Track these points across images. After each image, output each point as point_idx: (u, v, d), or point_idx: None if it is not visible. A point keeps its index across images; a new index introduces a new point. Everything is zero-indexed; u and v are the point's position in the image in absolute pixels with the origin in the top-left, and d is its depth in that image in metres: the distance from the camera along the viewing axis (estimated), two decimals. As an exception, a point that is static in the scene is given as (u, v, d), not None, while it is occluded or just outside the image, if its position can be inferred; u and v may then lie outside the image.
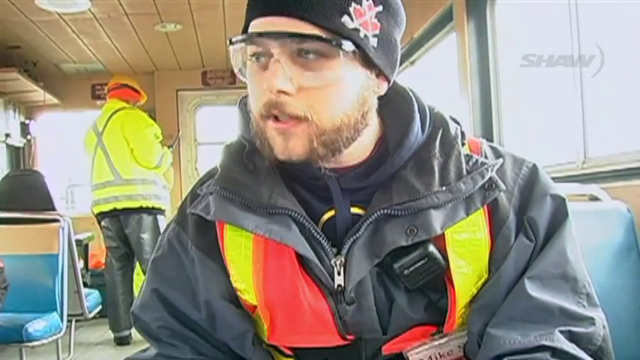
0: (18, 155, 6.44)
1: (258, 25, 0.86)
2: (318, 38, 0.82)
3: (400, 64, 0.93)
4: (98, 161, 4.67)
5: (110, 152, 4.63)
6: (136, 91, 4.93)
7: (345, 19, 0.83)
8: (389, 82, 0.93)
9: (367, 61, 0.88)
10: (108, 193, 4.61)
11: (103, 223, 4.76)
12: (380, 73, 0.91)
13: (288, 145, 0.87)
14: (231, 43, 0.89)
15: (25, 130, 6.32)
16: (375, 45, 0.87)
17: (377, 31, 0.87)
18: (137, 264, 4.80)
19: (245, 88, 0.93)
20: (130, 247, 4.70)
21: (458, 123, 1.00)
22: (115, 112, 4.72)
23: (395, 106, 0.98)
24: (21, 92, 5.89)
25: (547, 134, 2.91)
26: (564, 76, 2.49)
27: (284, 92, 0.84)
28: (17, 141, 6.25)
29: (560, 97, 2.63)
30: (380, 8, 0.87)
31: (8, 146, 6.22)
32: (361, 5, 0.85)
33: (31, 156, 6.47)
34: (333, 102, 0.86)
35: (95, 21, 4.80)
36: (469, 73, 3.11)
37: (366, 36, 0.85)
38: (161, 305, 1.01)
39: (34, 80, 5.71)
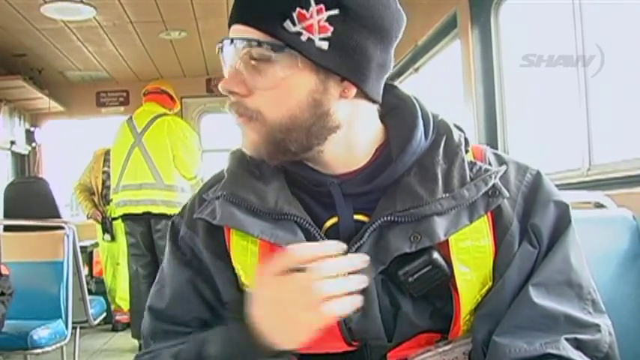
0: (23, 162, 6.46)
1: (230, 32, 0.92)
2: (258, 43, 0.87)
3: (404, 72, 0.94)
4: (134, 161, 4.53)
5: (152, 155, 4.51)
6: (173, 99, 4.88)
7: (287, 23, 0.86)
8: (358, 86, 0.91)
9: (315, 65, 0.88)
10: (144, 195, 4.49)
11: (125, 228, 4.67)
12: (344, 78, 0.90)
13: (244, 139, 0.94)
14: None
15: (30, 137, 6.34)
16: (325, 48, 0.87)
17: (327, 34, 0.86)
18: None
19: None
20: (154, 252, 4.59)
21: (461, 130, 1.00)
22: (159, 116, 4.63)
23: (398, 113, 0.98)
24: (26, 100, 5.91)
25: (552, 141, 2.91)
26: (568, 80, 2.49)
27: (236, 93, 0.91)
28: (22, 148, 6.27)
29: (565, 103, 2.63)
30: (335, 12, 0.86)
31: (13, 153, 6.24)
32: (307, 9, 0.86)
33: (36, 163, 6.49)
34: (278, 103, 0.89)
35: (100, 29, 4.82)
36: (473, 80, 3.11)
37: (310, 39, 0.86)
38: (196, 296, 1.00)
39: (39, 88, 5.73)
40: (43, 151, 6.56)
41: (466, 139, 0.98)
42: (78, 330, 3.59)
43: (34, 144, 6.40)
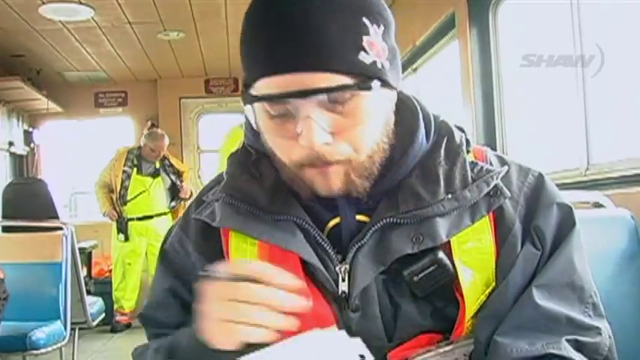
0: (21, 163, 6.46)
1: (275, 83, 0.82)
2: (347, 87, 0.82)
3: (402, 72, 0.95)
4: None
5: None
6: None
7: (362, 55, 0.82)
8: (397, 89, 0.93)
9: (386, 86, 0.87)
10: None
11: None
12: (392, 87, 0.91)
13: (329, 182, 0.87)
14: (249, 102, 0.87)
15: (28, 138, 6.35)
16: (389, 67, 0.87)
17: (387, 54, 0.86)
18: None
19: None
20: None
21: (463, 131, 1.00)
22: None
23: (400, 115, 0.98)
24: (24, 100, 5.91)
25: (551, 141, 2.91)
26: (567, 81, 2.49)
27: (325, 144, 0.84)
28: (21, 149, 6.27)
29: (563, 103, 2.64)
30: (382, 28, 0.86)
31: (12, 154, 6.24)
32: (370, 35, 0.83)
33: (35, 164, 6.49)
34: (369, 136, 0.87)
35: (98, 30, 4.82)
36: (472, 81, 3.12)
37: (382, 65, 0.85)
38: (178, 302, 1.03)
39: (37, 89, 5.73)
40: (41, 151, 6.56)
41: (467, 140, 0.98)
42: (77, 331, 3.59)
43: (32, 145, 6.40)
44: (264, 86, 0.84)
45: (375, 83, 0.83)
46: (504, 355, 0.84)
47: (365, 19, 0.83)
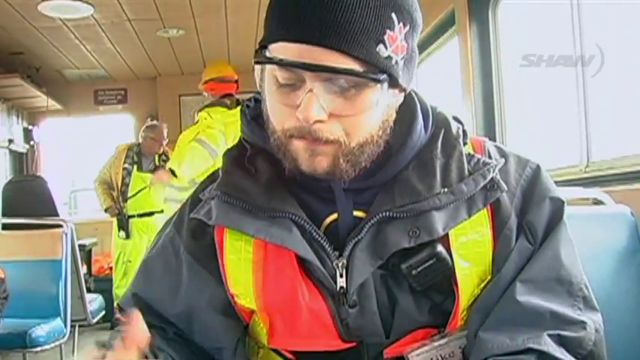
0: (21, 161, 6.46)
1: (290, 50, 0.83)
2: (355, 73, 0.81)
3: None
4: None
5: None
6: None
7: (380, 47, 0.82)
8: (406, 91, 0.93)
9: (395, 84, 0.87)
10: None
11: None
12: (403, 90, 0.91)
13: (315, 160, 0.87)
14: (258, 62, 0.87)
15: (28, 135, 6.33)
16: (402, 66, 0.86)
17: (404, 53, 0.86)
18: None
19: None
20: None
21: (460, 122, 1.00)
22: None
23: (398, 108, 0.98)
24: (24, 98, 5.90)
25: (551, 138, 2.91)
26: (567, 79, 2.49)
27: (319, 121, 0.84)
28: (20, 147, 6.26)
29: (563, 100, 2.63)
30: (408, 28, 0.86)
31: (11, 152, 6.23)
32: (394, 30, 0.83)
33: (34, 162, 6.48)
34: (364, 126, 0.87)
35: (98, 27, 4.82)
36: (472, 77, 3.11)
37: (396, 62, 0.85)
38: (142, 308, 1.02)
39: (37, 86, 5.72)
40: (41, 149, 6.55)
41: (464, 132, 0.98)
42: (77, 328, 3.59)
43: (32, 142, 6.38)
44: (279, 50, 0.84)
45: (384, 78, 0.83)
46: (486, 351, 0.84)
47: (394, 15, 0.83)
